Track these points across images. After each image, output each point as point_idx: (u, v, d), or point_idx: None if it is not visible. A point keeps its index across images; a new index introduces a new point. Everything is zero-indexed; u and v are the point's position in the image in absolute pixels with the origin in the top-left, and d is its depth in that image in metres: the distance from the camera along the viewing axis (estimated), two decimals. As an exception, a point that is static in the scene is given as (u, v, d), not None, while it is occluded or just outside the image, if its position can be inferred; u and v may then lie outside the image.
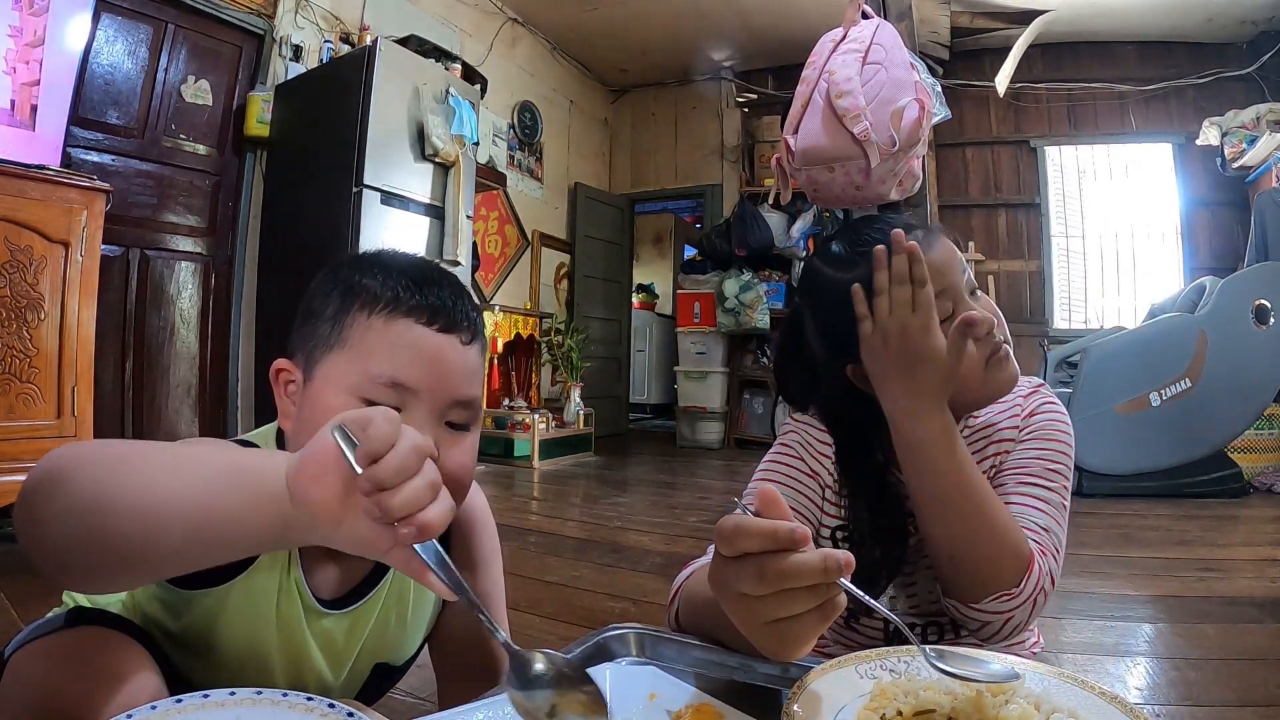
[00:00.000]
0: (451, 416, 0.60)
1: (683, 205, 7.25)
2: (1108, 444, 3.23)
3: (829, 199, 1.77)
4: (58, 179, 2.04)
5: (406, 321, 0.58)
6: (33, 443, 1.95)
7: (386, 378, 0.56)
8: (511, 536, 2.50)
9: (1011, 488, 0.71)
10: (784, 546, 0.40)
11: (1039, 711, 0.43)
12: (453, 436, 0.60)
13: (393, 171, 2.96)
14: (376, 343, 0.58)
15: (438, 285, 0.61)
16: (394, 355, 0.57)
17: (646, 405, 7.26)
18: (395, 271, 0.61)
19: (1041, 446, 0.73)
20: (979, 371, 0.70)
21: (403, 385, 0.57)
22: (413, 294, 0.59)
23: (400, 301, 0.59)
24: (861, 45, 1.69)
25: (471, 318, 0.62)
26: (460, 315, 0.61)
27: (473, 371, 0.61)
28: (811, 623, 0.42)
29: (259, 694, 0.50)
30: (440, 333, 0.59)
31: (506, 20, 4.85)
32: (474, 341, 0.62)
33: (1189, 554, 2.29)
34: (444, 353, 0.59)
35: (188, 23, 2.97)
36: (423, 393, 0.57)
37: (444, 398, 0.58)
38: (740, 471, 4.03)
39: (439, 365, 0.58)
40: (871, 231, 0.73)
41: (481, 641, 0.73)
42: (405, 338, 0.58)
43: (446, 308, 0.60)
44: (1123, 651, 1.46)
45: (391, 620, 0.69)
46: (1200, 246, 4.64)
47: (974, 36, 4.80)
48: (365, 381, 0.56)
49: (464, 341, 0.60)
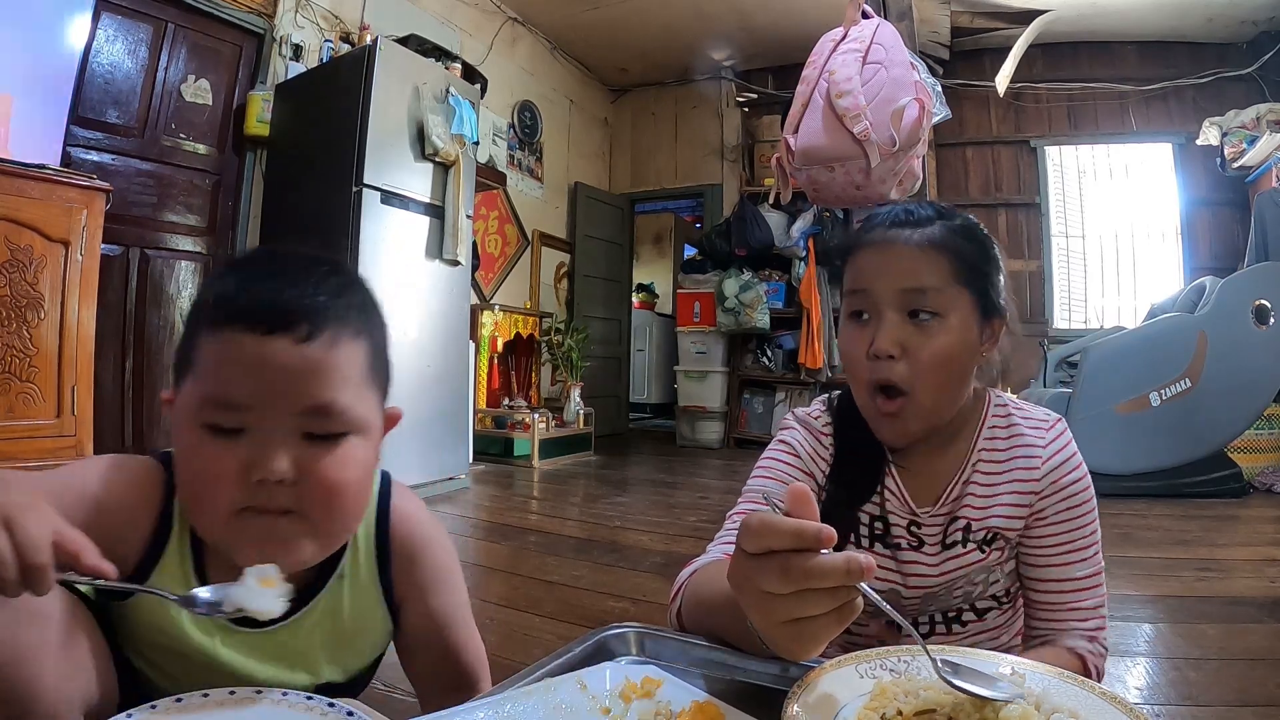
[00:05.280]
0: (310, 427, 0.53)
1: (683, 205, 7.24)
2: (1108, 444, 3.23)
3: (829, 198, 1.77)
4: (58, 178, 2.04)
5: (229, 331, 0.51)
6: (33, 442, 1.95)
7: (218, 399, 0.51)
8: (511, 536, 2.50)
9: (1058, 563, 0.73)
10: (809, 546, 0.40)
11: (1039, 711, 0.43)
12: (317, 450, 0.53)
13: (393, 171, 2.95)
14: (207, 361, 0.52)
15: (271, 278, 0.54)
16: (220, 372, 0.52)
17: (646, 405, 7.26)
18: (232, 273, 0.55)
19: (1077, 513, 0.74)
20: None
21: (234, 405, 0.51)
22: (235, 296, 0.53)
23: (222, 308, 0.52)
24: (862, 45, 1.69)
25: (312, 306, 0.53)
26: (291, 309, 0.52)
27: (319, 372, 0.52)
28: (829, 624, 0.42)
29: (259, 693, 0.50)
30: (266, 336, 0.51)
31: (506, 20, 4.85)
32: (315, 337, 0.52)
33: (1189, 554, 2.29)
34: (271, 359, 0.51)
35: (188, 22, 2.97)
36: (257, 409, 0.51)
37: (285, 409, 0.52)
38: (740, 471, 4.02)
39: (266, 375, 0.51)
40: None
41: (450, 655, 0.70)
42: (230, 350, 0.51)
43: (271, 305, 0.52)
44: (1123, 651, 1.46)
45: (319, 641, 0.65)
46: (1200, 246, 4.64)
47: (974, 36, 4.80)
48: (204, 407, 0.52)
49: (298, 340, 0.52)
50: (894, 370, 0.69)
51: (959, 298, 0.71)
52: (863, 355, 0.71)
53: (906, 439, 0.73)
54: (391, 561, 0.67)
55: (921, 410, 0.70)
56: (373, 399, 0.58)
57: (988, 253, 0.74)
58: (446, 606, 0.70)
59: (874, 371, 0.70)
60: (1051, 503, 0.74)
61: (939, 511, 0.76)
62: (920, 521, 0.76)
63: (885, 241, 0.73)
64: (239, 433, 0.51)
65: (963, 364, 0.71)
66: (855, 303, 0.74)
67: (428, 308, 3.14)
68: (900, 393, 0.70)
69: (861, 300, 0.73)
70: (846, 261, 0.77)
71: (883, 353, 0.69)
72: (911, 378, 0.69)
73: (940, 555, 0.75)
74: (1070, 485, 0.74)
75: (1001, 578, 0.77)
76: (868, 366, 0.71)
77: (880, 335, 0.69)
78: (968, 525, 0.75)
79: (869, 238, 0.75)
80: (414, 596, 0.68)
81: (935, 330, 0.69)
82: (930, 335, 0.69)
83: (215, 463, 0.51)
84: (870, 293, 0.72)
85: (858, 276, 0.74)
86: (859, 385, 0.73)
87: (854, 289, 0.74)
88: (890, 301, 0.70)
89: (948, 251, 0.71)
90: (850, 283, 0.75)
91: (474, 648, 0.72)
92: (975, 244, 0.73)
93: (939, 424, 0.74)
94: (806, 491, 0.43)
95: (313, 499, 0.53)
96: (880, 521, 0.77)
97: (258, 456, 0.51)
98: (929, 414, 0.71)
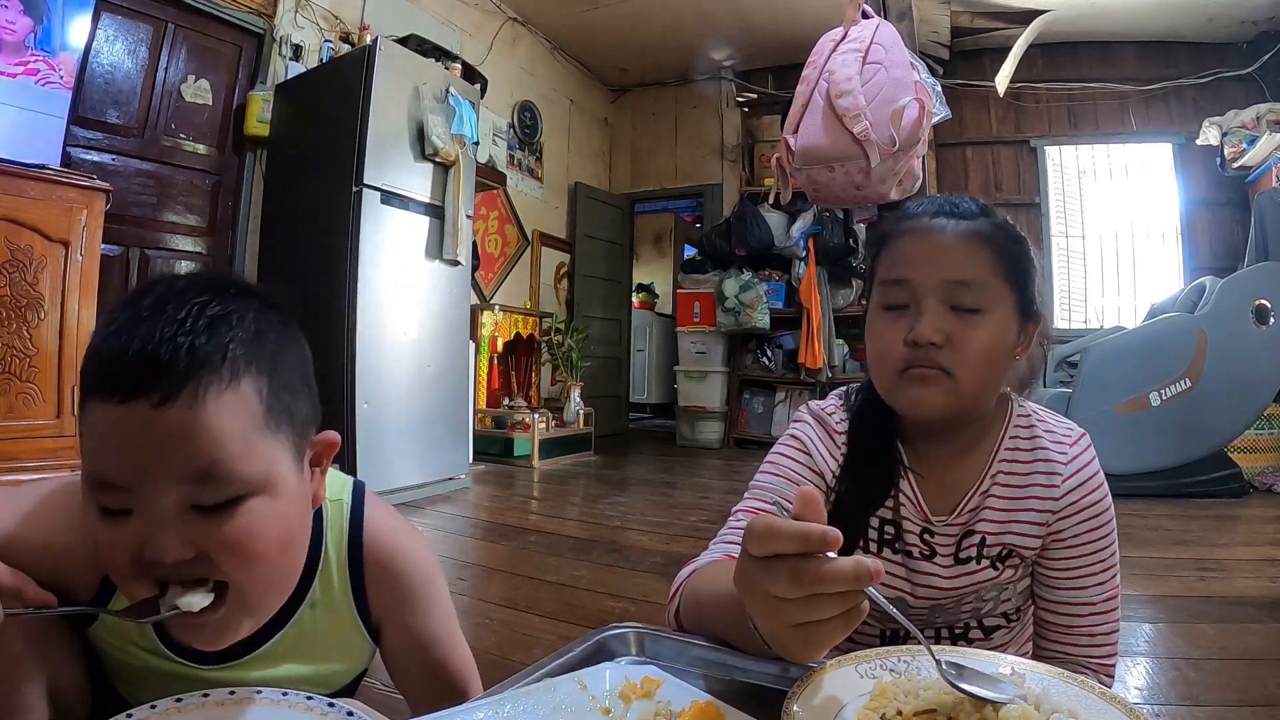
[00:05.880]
0: (197, 498, 0.45)
1: (683, 205, 7.24)
2: (1108, 444, 3.21)
3: (829, 198, 1.77)
4: (58, 178, 2.04)
5: (91, 401, 0.45)
6: (33, 442, 1.95)
7: (94, 479, 0.45)
8: (511, 536, 2.50)
9: (1073, 586, 0.72)
10: (816, 550, 0.40)
11: (1039, 711, 0.43)
12: (210, 522, 0.46)
13: (393, 171, 2.95)
14: (82, 436, 0.46)
15: (125, 331, 0.44)
16: (91, 448, 0.45)
17: (646, 405, 7.26)
18: (99, 330, 0.46)
19: (1096, 535, 0.72)
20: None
21: (111, 484, 0.45)
22: (89, 360, 0.46)
23: (83, 375, 0.46)
24: (862, 45, 1.69)
25: (166, 360, 0.44)
26: (142, 368, 0.43)
27: (186, 437, 0.44)
28: (836, 627, 0.42)
29: (258, 693, 0.50)
30: (122, 405, 0.43)
31: (506, 20, 4.85)
32: (173, 397, 0.43)
33: (1189, 554, 2.29)
34: (131, 430, 0.44)
35: (188, 22, 2.97)
36: (134, 488, 0.44)
37: (162, 483, 0.44)
38: (740, 471, 4.03)
39: (129, 449, 0.44)
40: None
41: (437, 669, 0.68)
42: (95, 423, 0.45)
43: (120, 367, 0.44)
44: (1123, 651, 1.45)
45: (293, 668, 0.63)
46: (1200, 246, 4.63)
47: (974, 36, 4.80)
48: (89, 488, 0.46)
49: (153, 405, 0.43)
50: (938, 357, 0.66)
51: (1002, 294, 0.68)
52: (898, 343, 0.67)
53: (929, 410, 0.68)
54: (366, 579, 0.63)
55: (957, 390, 0.66)
56: (274, 445, 0.49)
57: (1027, 252, 0.71)
58: (429, 622, 0.67)
59: (911, 360, 0.66)
60: (1070, 524, 0.71)
61: (954, 521, 0.73)
62: (934, 530, 0.73)
63: (929, 231, 0.69)
64: (127, 514, 0.45)
65: (1000, 363, 0.68)
66: (893, 293, 0.69)
67: (428, 308, 3.14)
68: (939, 369, 0.66)
69: (900, 290, 0.69)
70: (881, 250, 0.73)
71: (924, 339, 0.65)
72: (953, 364, 0.66)
73: (953, 568, 0.73)
74: (1091, 506, 0.71)
75: (1013, 596, 0.75)
76: (903, 355, 0.67)
77: (923, 323, 0.66)
78: (983, 540, 0.72)
79: (910, 225, 0.71)
80: (393, 615, 0.65)
81: (978, 324, 0.66)
82: (974, 327, 0.66)
83: (109, 549, 0.46)
84: (912, 282, 0.68)
85: (896, 265, 0.70)
86: (889, 371, 0.69)
87: (892, 278, 0.70)
88: (933, 291, 0.67)
89: (992, 246, 0.68)
90: (886, 271, 0.71)
91: (460, 658, 0.70)
92: (1017, 243, 0.70)
93: (962, 417, 0.71)
94: (815, 495, 0.43)
95: (221, 571, 0.47)
96: (891, 526, 0.75)
97: (146, 538, 0.45)
98: (962, 398, 0.67)
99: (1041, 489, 0.72)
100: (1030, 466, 0.73)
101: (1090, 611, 0.71)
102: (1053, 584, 0.73)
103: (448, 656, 0.69)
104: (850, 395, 0.81)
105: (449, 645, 0.69)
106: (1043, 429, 0.75)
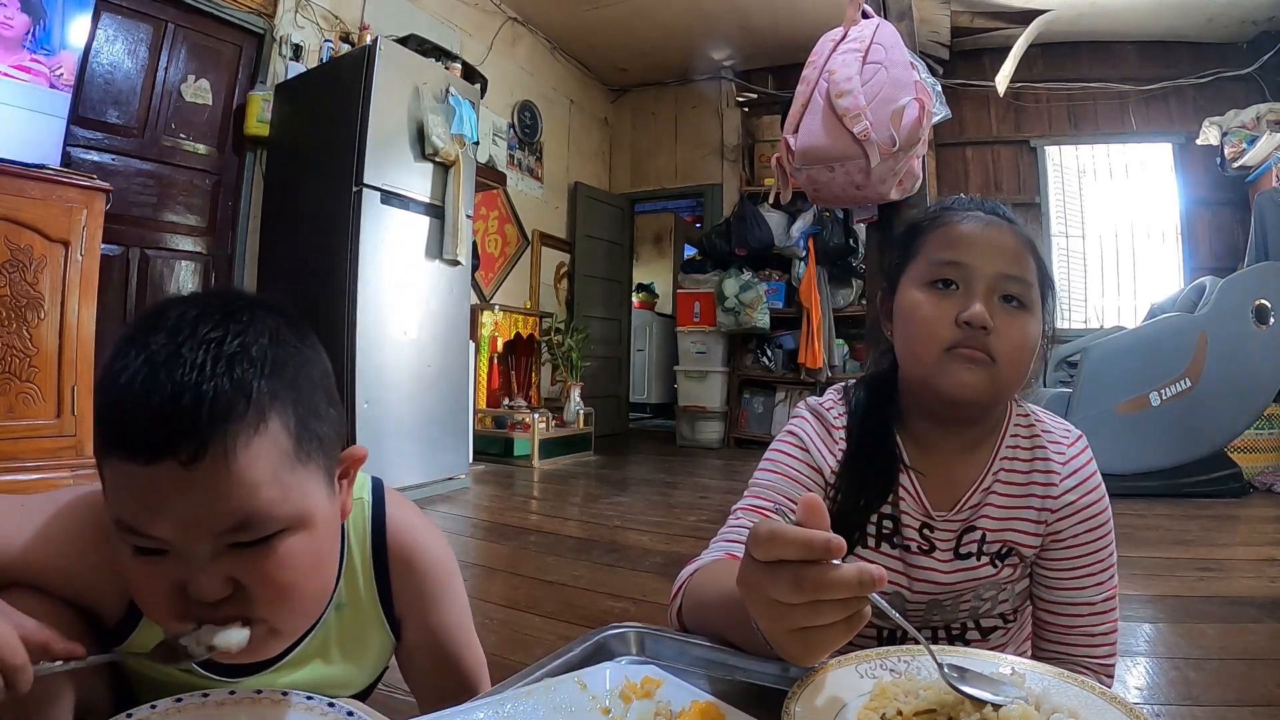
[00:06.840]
0: (235, 539, 0.46)
1: (683, 205, 7.24)
2: (1108, 444, 3.23)
3: (829, 198, 1.77)
4: (58, 178, 2.04)
5: (114, 459, 0.44)
6: (33, 442, 1.95)
7: (125, 527, 0.45)
8: (511, 536, 2.50)
9: (1071, 587, 0.72)
10: (819, 557, 0.40)
11: (1039, 711, 0.43)
12: (248, 558, 0.46)
13: (393, 171, 2.95)
14: (107, 484, 0.46)
15: (143, 382, 0.43)
16: (120, 500, 0.45)
17: (646, 405, 7.26)
18: (108, 370, 0.45)
19: (1093, 535, 0.73)
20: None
21: (144, 534, 0.44)
22: (106, 416, 0.44)
23: (100, 428, 0.45)
24: (862, 45, 1.69)
25: (193, 415, 0.42)
26: (168, 428, 0.42)
27: (221, 492, 0.44)
28: (838, 632, 0.42)
29: (259, 693, 0.50)
30: (148, 465, 0.42)
31: (506, 20, 4.84)
32: (203, 454, 0.43)
33: (1189, 554, 2.29)
34: (164, 491, 0.43)
35: (188, 22, 2.97)
36: (173, 539, 0.44)
37: (199, 534, 0.44)
38: (740, 471, 4.02)
39: (163, 507, 0.43)
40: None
41: (451, 665, 0.70)
42: (120, 480, 0.44)
43: (145, 427, 0.42)
44: (1123, 651, 1.46)
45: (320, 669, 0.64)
46: (1200, 246, 4.64)
47: (974, 36, 4.80)
48: (118, 530, 0.45)
49: (183, 464, 0.42)
50: (987, 341, 0.67)
51: (1038, 300, 0.71)
52: (947, 320, 0.68)
53: (970, 393, 0.68)
54: (390, 576, 0.65)
55: (997, 378, 0.68)
56: (306, 477, 0.49)
57: (1048, 269, 0.75)
58: (448, 618, 0.69)
59: (962, 340, 0.67)
60: (1068, 524, 0.72)
61: (955, 517, 0.73)
62: (934, 525, 0.74)
63: (989, 224, 0.71)
64: (162, 553, 0.45)
65: (1030, 362, 0.70)
66: (945, 271, 0.70)
67: (428, 308, 3.14)
68: (987, 354, 0.67)
69: (954, 270, 0.70)
70: (929, 230, 0.74)
71: (980, 320, 0.66)
72: (999, 352, 0.67)
73: (952, 563, 0.73)
74: (1089, 507, 0.72)
75: (1011, 596, 0.75)
76: (953, 334, 0.68)
77: (979, 306, 0.67)
78: (983, 536, 0.73)
79: (968, 215, 0.73)
80: (415, 610, 0.67)
81: (1023, 319, 0.69)
82: (1019, 321, 0.68)
83: (147, 583, 0.47)
84: (969, 266, 0.69)
85: (954, 246, 0.71)
86: (933, 347, 0.69)
87: (948, 259, 0.70)
88: (988, 280, 0.68)
89: (1035, 256, 0.71)
90: (939, 251, 0.71)
91: (473, 656, 0.71)
92: (1044, 262, 0.74)
93: (986, 410, 0.73)
94: (819, 503, 0.43)
95: (258, 606, 0.48)
96: (890, 521, 0.75)
97: (186, 577, 0.45)
98: (999, 386, 0.69)
99: (1040, 488, 0.73)
100: (1030, 465, 0.74)
101: (1090, 611, 0.71)
102: (1052, 584, 0.73)
103: (462, 654, 0.70)
104: (849, 391, 0.81)
105: (464, 643, 0.70)
106: (1041, 429, 0.76)
